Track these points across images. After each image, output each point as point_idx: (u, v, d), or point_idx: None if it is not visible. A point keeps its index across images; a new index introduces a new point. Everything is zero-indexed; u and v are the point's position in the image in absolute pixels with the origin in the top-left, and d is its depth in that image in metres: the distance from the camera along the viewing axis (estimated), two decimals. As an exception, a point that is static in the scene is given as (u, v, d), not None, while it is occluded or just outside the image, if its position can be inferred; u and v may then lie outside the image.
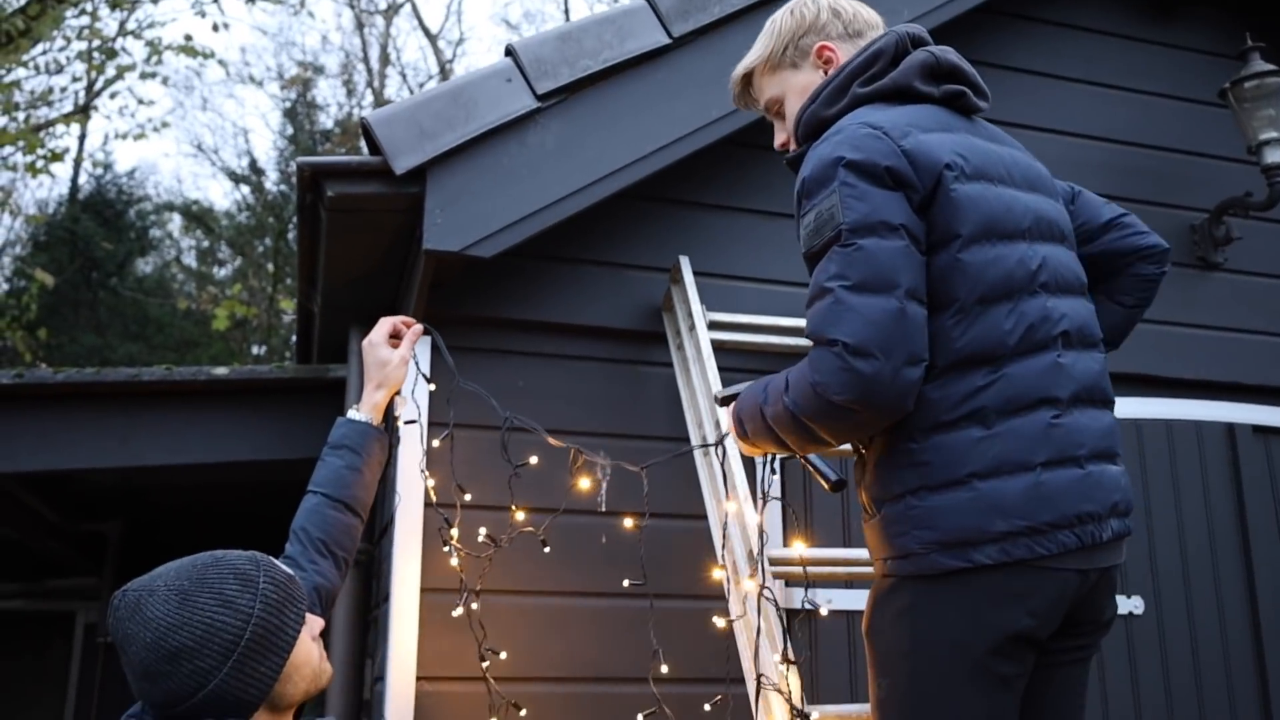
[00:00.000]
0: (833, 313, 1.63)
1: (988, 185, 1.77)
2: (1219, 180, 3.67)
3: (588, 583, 2.83)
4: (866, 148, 1.70)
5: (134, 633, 1.50)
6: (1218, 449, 3.48)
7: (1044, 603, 1.67)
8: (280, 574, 1.62)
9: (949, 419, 1.67)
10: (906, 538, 1.68)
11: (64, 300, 13.61)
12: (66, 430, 3.50)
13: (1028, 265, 1.74)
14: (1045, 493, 1.65)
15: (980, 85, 1.94)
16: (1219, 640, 3.30)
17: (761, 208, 3.18)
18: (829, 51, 1.95)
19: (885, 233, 1.66)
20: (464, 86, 2.74)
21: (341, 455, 2.11)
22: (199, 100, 23.99)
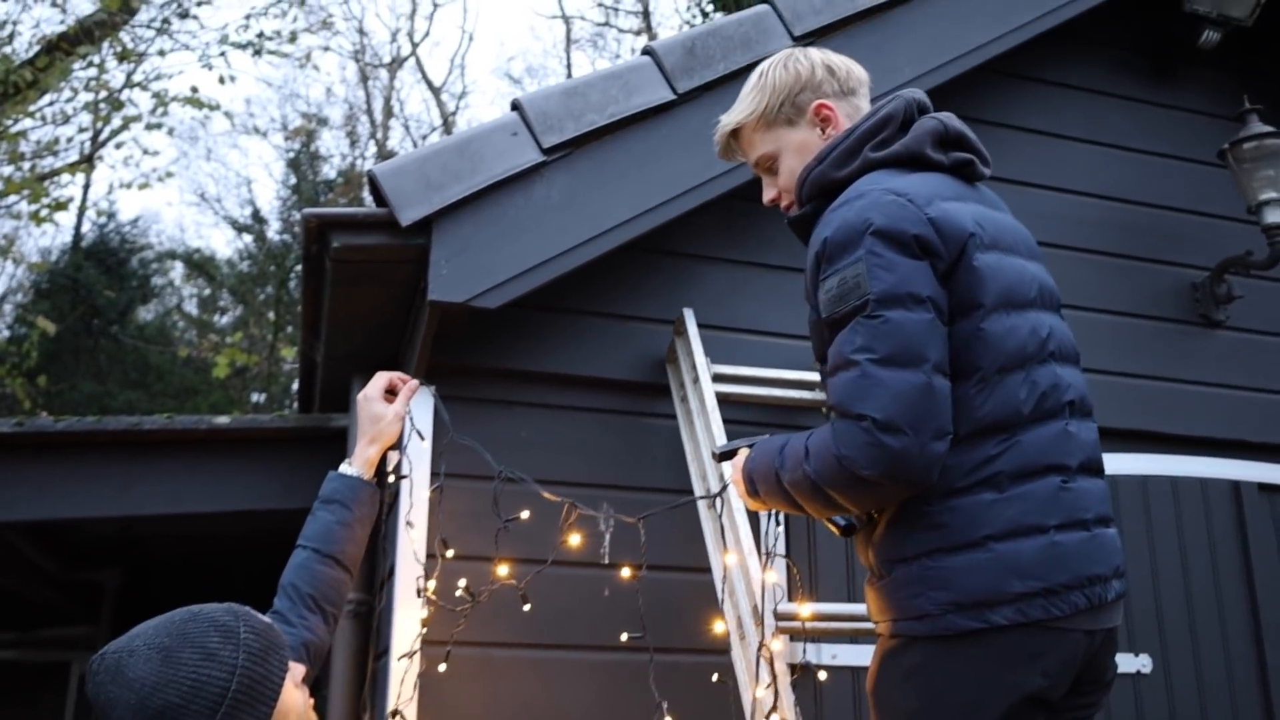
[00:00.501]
0: (860, 387, 1.63)
1: (1002, 255, 1.79)
2: (1220, 239, 3.70)
3: (590, 636, 2.81)
4: (894, 215, 1.71)
5: (117, 695, 1.48)
6: (1224, 506, 3.47)
7: (1057, 663, 1.67)
8: (259, 623, 1.62)
9: (964, 484, 1.69)
10: (922, 599, 1.68)
11: (65, 347, 13.62)
12: (66, 479, 3.49)
13: (1039, 334, 1.77)
14: (1059, 554, 1.67)
15: (984, 153, 1.96)
16: (1228, 699, 3.27)
17: (765, 261, 3.21)
18: (827, 110, 1.95)
19: (913, 305, 1.66)
20: (470, 139, 2.78)
21: (332, 510, 2.11)
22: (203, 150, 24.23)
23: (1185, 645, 3.29)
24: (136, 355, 14.50)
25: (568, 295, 2.98)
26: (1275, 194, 3.47)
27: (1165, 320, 3.60)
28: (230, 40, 10.93)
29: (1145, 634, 3.25)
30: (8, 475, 3.44)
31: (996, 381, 1.71)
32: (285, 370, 15.31)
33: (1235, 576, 3.41)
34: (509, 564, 2.49)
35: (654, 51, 2.95)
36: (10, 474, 3.44)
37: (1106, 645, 1.78)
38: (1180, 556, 3.37)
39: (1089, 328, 3.47)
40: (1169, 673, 3.24)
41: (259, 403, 15.45)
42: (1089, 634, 1.71)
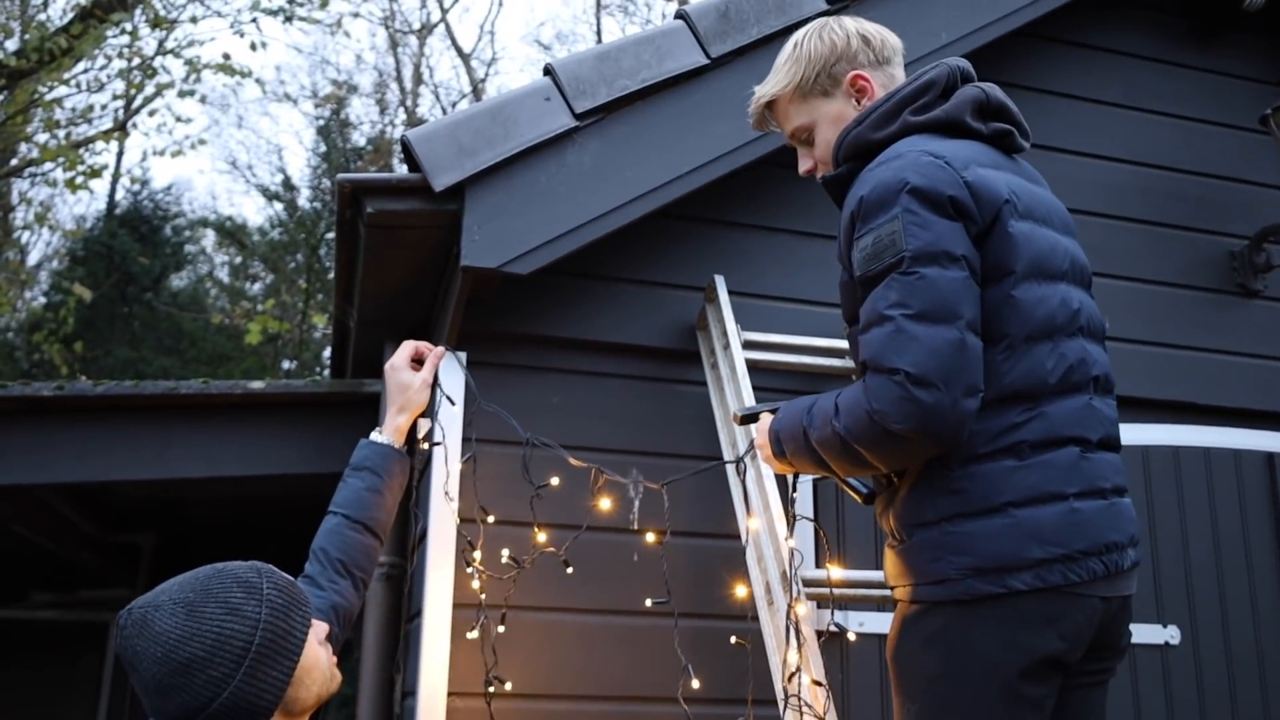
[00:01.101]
0: (894, 341, 1.64)
1: (1035, 225, 1.80)
2: (1259, 207, 3.66)
3: (619, 601, 2.84)
4: (931, 176, 1.71)
5: (143, 649, 1.51)
6: (1257, 478, 3.45)
7: (1074, 627, 1.69)
8: (282, 579, 1.64)
9: (986, 450, 1.70)
10: (941, 563, 1.70)
11: (100, 314, 13.79)
12: (105, 442, 3.55)
13: (1069, 306, 1.79)
14: (1078, 521, 1.69)
15: (1024, 125, 1.96)
16: (1256, 671, 3.26)
17: (797, 228, 3.20)
18: (862, 81, 1.95)
19: (947, 263, 1.67)
20: (503, 105, 2.78)
21: (363, 477, 2.15)
22: (234, 118, 24.37)
23: (1214, 617, 3.28)
24: (170, 322, 14.66)
25: (599, 261, 2.99)
26: (1317, 161, 3.42)
27: (1201, 290, 3.57)
28: (261, 6, 10.94)
29: (1174, 605, 3.24)
30: (48, 438, 3.51)
31: (1024, 350, 1.72)
32: (316, 338, 15.44)
33: (1267, 549, 3.39)
34: (545, 528, 2.51)
35: (687, 15, 2.93)
36: (50, 436, 3.51)
37: (1122, 612, 1.80)
38: (1211, 528, 3.35)
39: (1124, 297, 3.44)
40: (1197, 644, 3.23)
41: (290, 369, 15.60)
42: (1105, 600, 1.73)
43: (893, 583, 1.83)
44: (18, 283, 14.75)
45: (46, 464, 3.52)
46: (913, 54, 3.04)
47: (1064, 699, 1.78)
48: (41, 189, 15.75)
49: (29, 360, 13.76)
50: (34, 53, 9.47)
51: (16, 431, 3.49)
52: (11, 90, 10.27)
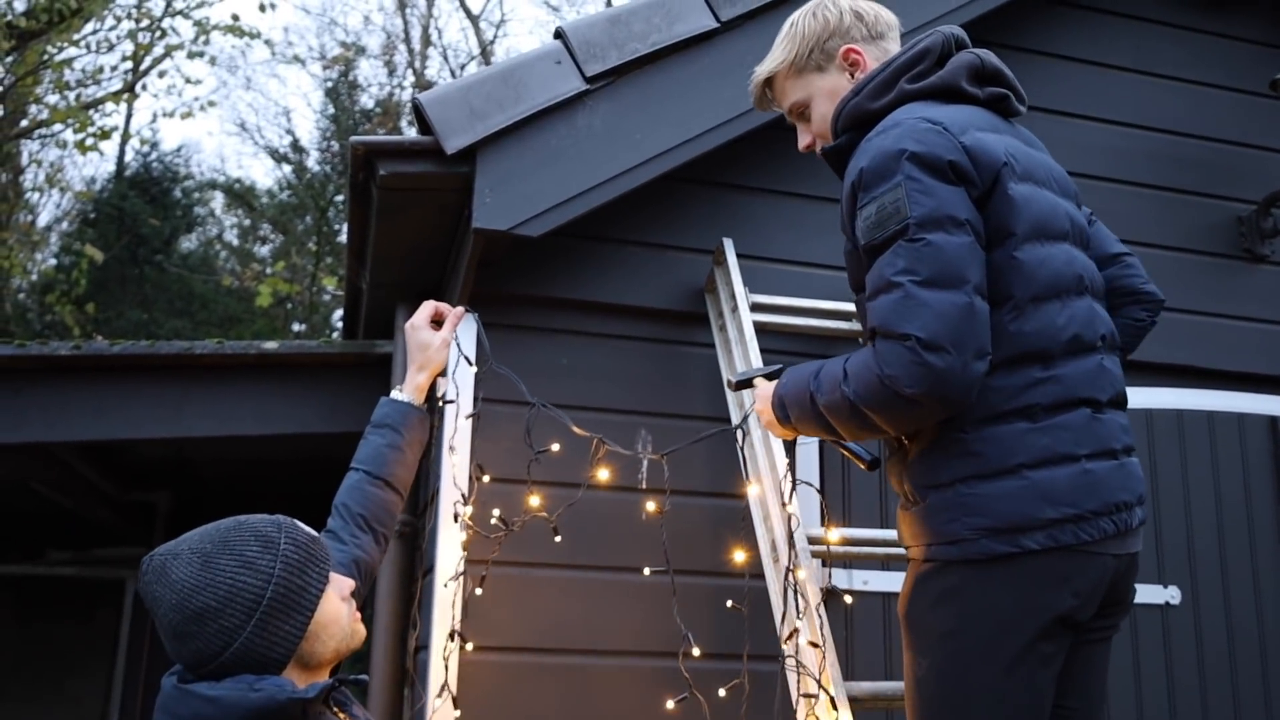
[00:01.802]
0: (903, 307, 1.66)
1: (1035, 187, 1.82)
2: (1268, 172, 3.66)
3: (627, 558, 2.89)
4: (930, 141, 1.74)
5: (161, 595, 1.55)
6: (1260, 441, 3.48)
7: (1087, 585, 1.73)
8: (302, 535, 1.65)
9: (1001, 411, 1.73)
10: (956, 524, 1.73)
11: (111, 276, 13.84)
12: (122, 401, 3.60)
13: (1073, 267, 1.81)
14: (1091, 482, 1.72)
15: (1020, 90, 1.98)
16: (1255, 632, 3.31)
17: (806, 192, 3.22)
18: (855, 54, 1.98)
19: (952, 228, 1.69)
20: (514, 68, 2.80)
21: (383, 434, 2.17)
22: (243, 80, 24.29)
23: (1215, 579, 3.32)
24: (181, 284, 14.70)
25: (608, 224, 3.01)
26: (1327, 127, 3.42)
27: (1208, 254, 3.58)
28: (269, -33, 10.88)
29: (1175, 566, 3.29)
30: (66, 397, 3.56)
31: (1031, 310, 1.74)
32: (326, 300, 15.48)
33: (1269, 512, 3.42)
34: (548, 489, 2.56)
35: (697, -21, 2.94)
36: (68, 395, 3.56)
37: (1130, 569, 1.84)
38: (1214, 490, 3.39)
39: (1130, 261, 3.45)
40: (1198, 605, 3.28)
41: (300, 332, 15.65)
42: (1116, 558, 1.76)
43: (907, 543, 1.86)
44: (29, 244, 14.79)
45: (64, 422, 3.57)
46: (921, 18, 3.05)
47: (1074, 654, 1.83)
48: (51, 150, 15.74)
49: (41, 322, 13.83)
50: (43, 13, 9.47)
51: (35, 390, 3.54)
52: (21, 51, 10.27)
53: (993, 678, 1.70)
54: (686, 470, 2.92)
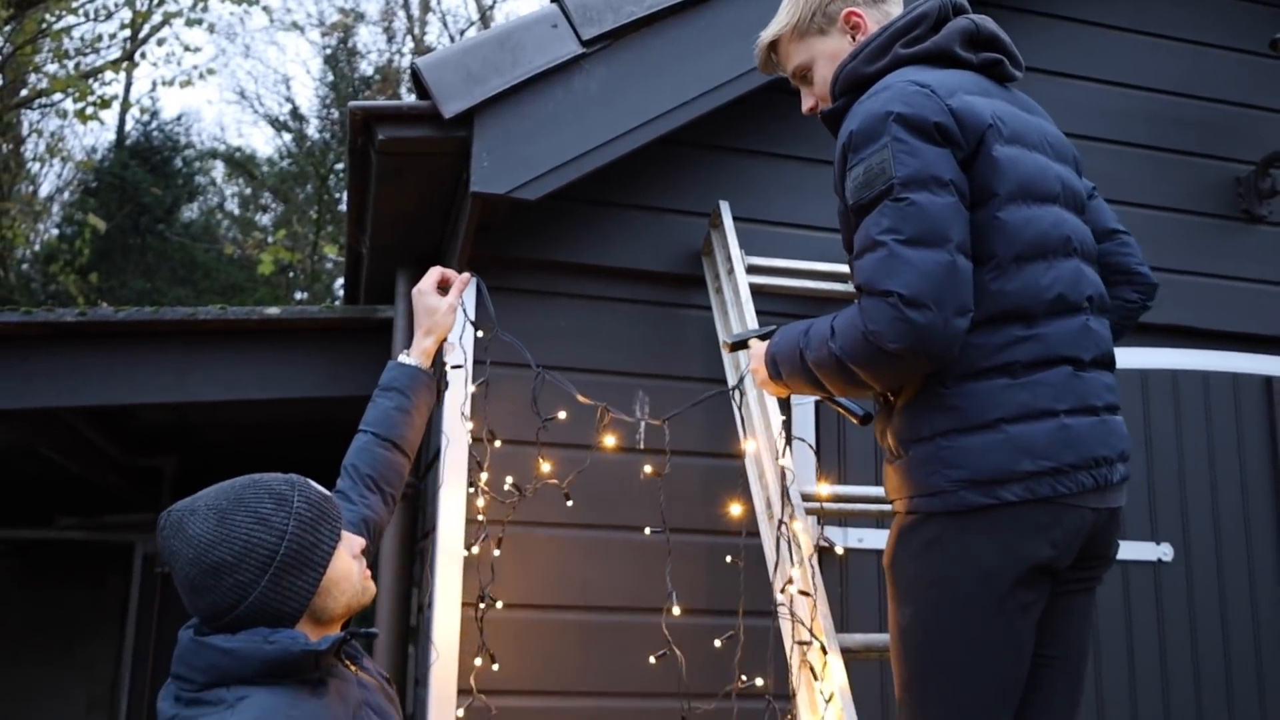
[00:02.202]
0: (887, 265, 1.70)
1: (1023, 150, 1.85)
2: (1267, 132, 3.67)
3: (629, 517, 2.94)
4: (917, 104, 1.77)
5: (178, 549, 1.58)
6: (1254, 401, 3.51)
7: (1064, 535, 1.77)
8: (315, 493, 1.68)
9: (981, 368, 1.77)
10: (937, 476, 1.78)
11: (114, 245, 13.87)
12: (127, 366, 3.64)
13: (1061, 229, 1.84)
14: (1069, 436, 1.76)
15: (1016, 55, 2.01)
16: (1247, 589, 3.36)
17: (801, 154, 3.24)
18: (856, 17, 2.01)
19: (936, 188, 1.72)
20: (511, 32, 2.81)
21: (391, 397, 2.19)
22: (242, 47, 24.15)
23: (1207, 536, 3.37)
24: (183, 253, 14.73)
25: (606, 187, 3.04)
26: (1324, 86, 3.42)
27: (1206, 215, 3.59)
28: (268, -68, 10.81)
29: (1168, 524, 3.33)
30: (73, 362, 3.60)
31: (1014, 270, 1.78)
32: (328, 268, 15.50)
33: (1262, 471, 3.46)
34: (553, 450, 2.61)
35: (693, -59, 2.94)
36: (74, 361, 3.60)
37: (1111, 523, 1.87)
38: (1208, 449, 3.43)
39: (1128, 222, 3.39)
40: (1190, 561, 3.33)
41: (303, 300, 15.68)
42: (1095, 511, 1.80)
43: (892, 496, 1.91)
44: (31, 214, 14.81)
45: (71, 387, 3.61)
46: (918, -21, 3.05)
47: (1053, 604, 1.87)
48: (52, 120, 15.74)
49: (45, 292, 13.88)
50: (41, -20, 9.42)
51: (41, 356, 3.58)
52: (19, 20, 10.24)
53: (973, 625, 1.75)
54: (684, 432, 2.97)
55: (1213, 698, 3.24)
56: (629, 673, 2.83)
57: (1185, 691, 3.22)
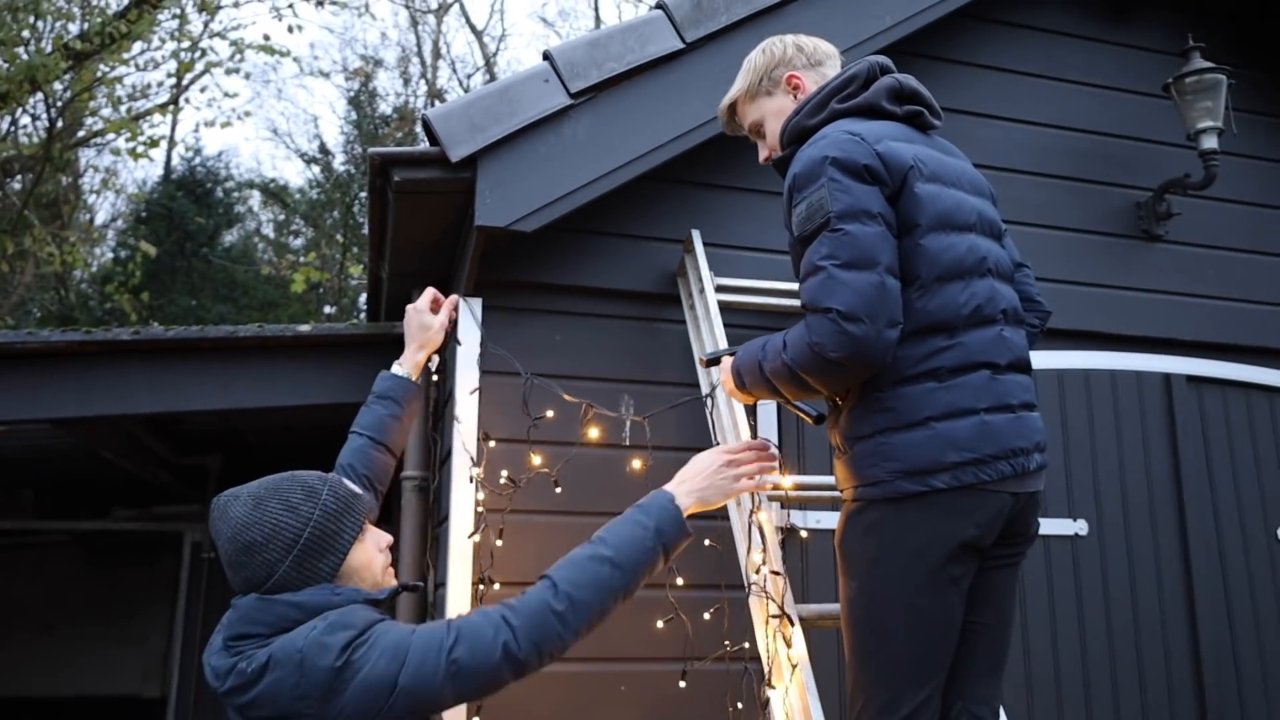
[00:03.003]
0: (826, 286, 1.75)
1: (942, 187, 1.89)
2: (1162, 162, 3.72)
3: (615, 504, 2.95)
4: (849, 149, 1.82)
5: (221, 529, 1.61)
6: (1155, 396, 3.56)
7: (986, 517, 1.81)
8: (344, 489, 1.68)
9: (911, 374, 1.81)
10: (876, 469, 1.82)
11: (163, 267, 13.80)
12: (176, 378, 3.64)
13: (976, 253, 1.88)
14: (989, 431, 1.80)
15: (935, 107, 2.06)
16: (1152, 559, 3.41)
17: (762, 188, 3.27)
18: (796, 79, 2.08)
19: (866, 220, 1.77)
20: (509, 85, 2.84)
21: (385, 405, 2.20)
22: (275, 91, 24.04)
23: (1118, 513, 3.41)
24: (224, 274, 14.67)
25: (593, 219, 3.06)
26: (1212, 123, 3.48)
27: (1111, 235, 3.65)
28: (295, -8, 10.80)
29: (1083, 503, 3.38)
30: (128, 375, 3.60)
31: (936, 288, 1.82)
32: (353, 285, 15.46)
33: (1163, 456, 3.51)
34: (546, 447, 2.64)
35: (665, 6, 2.98)
36: (130, 374, 3.60)
37: (1030, 506, 1.92)
38: (1116, 438, 3.48)
39: (1045, 243, 3.52)
40: (1103, 536, 3.38)
41: (331, 314, 15.64)
42: (1014, 496, 1.84)
43: (840, 486, 1.95)
44: (89, 241, 14.73)
45: (127, 397, 3.61)
46: (861, 34, 3.10)
47: (981, 578, 1.91)
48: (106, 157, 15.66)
49: (101, 309, 13.81)
50: (96, 36, 9.39)
51: (100, 370, 3.58)
52: (77, 70, 10.20)
53: (909, 596, 1.79)
54: (664, 431, 3.00)
55: (1124, 652, 3.29)
56: (622, 640, 2.86)
57: (1100, 647, 3.27)
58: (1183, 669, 3.33)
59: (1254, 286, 3.75)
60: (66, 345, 3.50)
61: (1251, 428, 3.66)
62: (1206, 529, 3.49)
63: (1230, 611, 3.45)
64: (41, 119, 10.65)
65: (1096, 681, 3.24)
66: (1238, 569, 3.50)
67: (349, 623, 1.50)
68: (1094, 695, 3.23)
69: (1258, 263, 3.78)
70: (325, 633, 1.48)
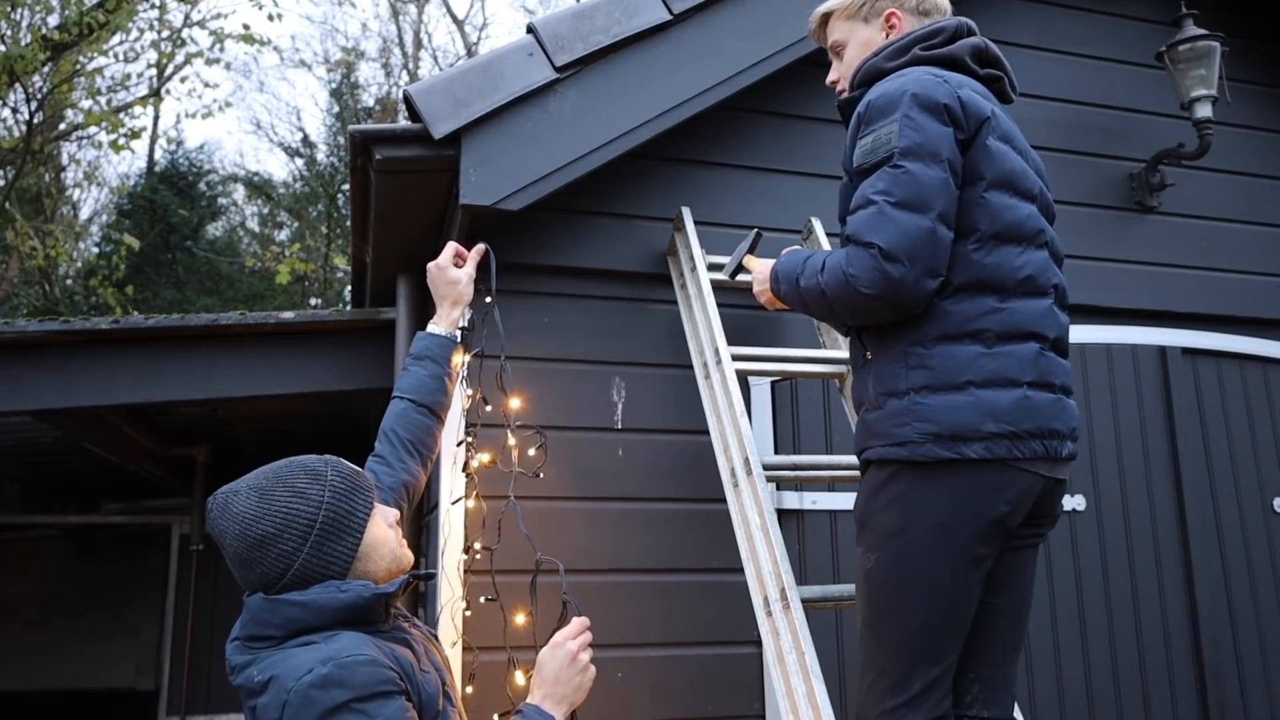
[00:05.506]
0: (874, 221, 1.70)
1: (1011, 149, 1.84)
2: (1155, 133, 3.65)
3: (609, 489, 2.88)
4: (930, 87, 1.77)
5: (225, 527, 1.51)
6: (1151, 368, 3.50)
7: (1017, 495, 1.74)
8: (346, 468, 1.60)
9: (956, 333, 1.74)
10: (907, 428, 1.74)
11: (147, 261, 13.63)
12: (157, 368, 3.55)
13: (1036, 222, 1.83)
14: (1029, 406, 1.73)
15: (1014, 80, 2.01)
16: (1150, 533, 3.35)
17: (752, 164, 3.18)
18: (895, 19, 2.00)
19: (931, 162, 1.72)
20: (492, 60, 2.74)
21: (425, 365, 2.10)
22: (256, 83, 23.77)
23: (1115, 488, 3.36)
24: (209, 266, 14.50)
25: (581, 197, 2.97)
26: (1205, 91, 3.41)
27: (1105, 207, 3.58)
28: (275, -20, 10.62)
29: (1080, 478, 3.32)
30: (109, 365, 3.51)
31: (993, 246, 1.76)
32: (339, 277, 15.31)
33: (1160, 429, 3.45)
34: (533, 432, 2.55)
35: (651, -24, 2.87)
36: (111, 364, 3.51)
37: (1056, 490, 1.86)
38: (1112, 411, 3.42)
39: (1037, 216, 3.44)
40: (1100, 511, 3.32)
41: (317, 305, 15.49)
42: (1044, 478, 1.77)
43: (864, 444, 1.85)
44: (73, 235, 14.51)
45: (108, 388, 3.52)
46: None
47: (1001, 559, 1.84)
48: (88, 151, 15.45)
49: (87, 303, 13.62)
50: (74, 26, 9.21)
51: (81, 361, 3.49)
52: (56, 62, 10.00)
53: (931, 571, 1.72)
54: (659, 414, 2.92)
55: (1123, 626, 3.23)
56: (613, 627, 2.79)
57: (1099, 622, 3.22)
58: (1181, 642, 3.28)
59: (1248, 257, 3.68)
60: (45, 335, 3.40)
61: (1247, 400, 3.61)
62: (1203, 502, 3.44)
63: (1228, 583, 3.40)
64: (21, 112, 10.43)
65: (1096, 656, 3.19)
66: (1235, 541, 3.45)
67: (346, 680, 1.39)
68: (1093, 669, 3.18)
69: (1252, 233, 3.72)
70: (317, 685, 1.38)
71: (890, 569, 1.76)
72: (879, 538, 1.78)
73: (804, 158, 3.20)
